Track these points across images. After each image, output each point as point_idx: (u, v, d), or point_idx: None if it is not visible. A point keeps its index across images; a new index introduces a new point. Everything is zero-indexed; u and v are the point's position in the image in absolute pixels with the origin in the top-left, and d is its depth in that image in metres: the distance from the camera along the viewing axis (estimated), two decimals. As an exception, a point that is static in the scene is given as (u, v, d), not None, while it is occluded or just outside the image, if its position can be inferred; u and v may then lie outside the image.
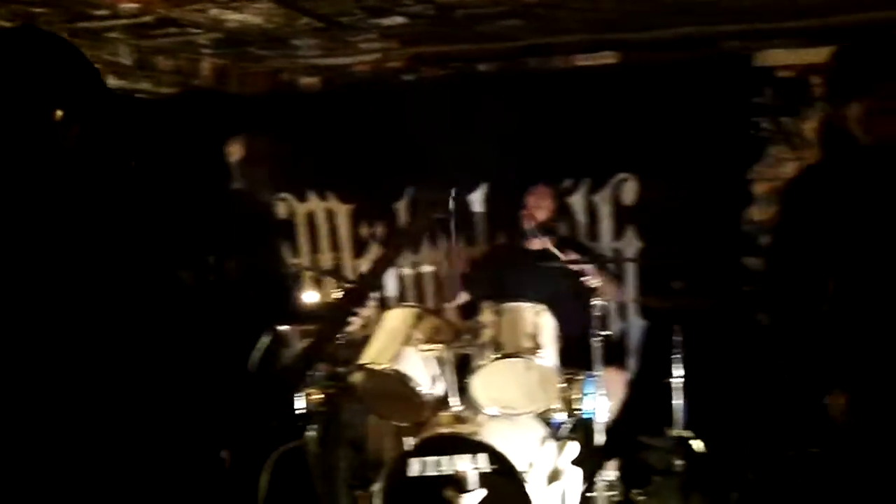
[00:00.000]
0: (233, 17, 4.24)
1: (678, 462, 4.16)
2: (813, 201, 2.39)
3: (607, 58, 5.29)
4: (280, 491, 2.75)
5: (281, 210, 5.79)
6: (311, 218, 5.84)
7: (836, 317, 2.31)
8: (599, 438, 4.10)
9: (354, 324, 3.02)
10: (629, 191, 5.30)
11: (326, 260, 5.78)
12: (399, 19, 4.47)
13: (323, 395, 4.33)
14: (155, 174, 2.63)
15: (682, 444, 4.22)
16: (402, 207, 5.65)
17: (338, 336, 3.40)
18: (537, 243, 4.90)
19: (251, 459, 2.68)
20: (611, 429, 4.22)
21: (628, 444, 4.66)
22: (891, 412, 2.18)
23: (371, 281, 2.92)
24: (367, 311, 5.23)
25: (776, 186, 4.92)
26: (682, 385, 4.22)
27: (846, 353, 2.27)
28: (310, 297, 3.85)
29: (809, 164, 2.58)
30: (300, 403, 3.94)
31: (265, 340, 2.81)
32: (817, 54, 2.40)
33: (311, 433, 2.90)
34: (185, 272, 2.69)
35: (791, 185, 2.56)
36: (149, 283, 2.63)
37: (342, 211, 5.84)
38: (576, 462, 4.14)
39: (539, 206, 4.88)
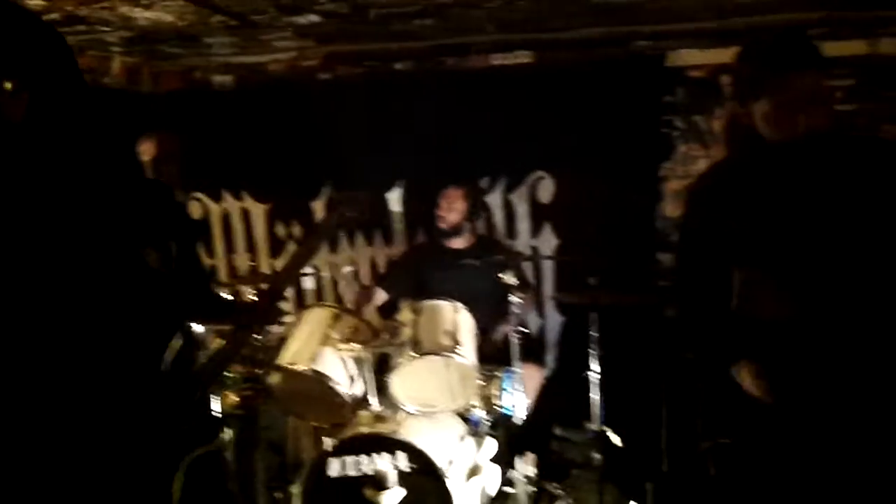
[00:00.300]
0: (143, 15, 4.17)
1: (595, 455, 4.21)
2: (718, 197, 2.44)
3: (522, 57, 5.33)
4: (195, 494, 2.70)
5: (195, 210, 5.69)
6: (226, 218, 5.76)
7: (743, 310, 2.36)
8: (518, 434, 4.14)
9: (271, 324, 2.98)
10: (545, 189, 5.35)
11: (242, 260, 5.70)
12: (314, 18, 4.45)
13: (239, 398, 4.29)
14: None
15: (600, 438, 4.27)
16: (318, 206, 5.61)
17: (254, 337, 3.36)
18: (455, 242, 4.92)
19: (165, 462, 2.63)
20: (529, 424, 4.26)
21: (546, 439, 4.71)
22: (794, 406, 2.24)
23: (284, 280, 2.89)
24: (285, 311, 5.21)
25: (687, 183, 5.03)
26: (599, 379, 4.28)
27: (754, 345, 2.33)
28: (226, 297, 3.79)
29: (716, 161, 2.63)
30: (216, 406, 3.90)
31: (177, 341, 2.76)
32: (726, 54, 2.44)
33: (227, 435, 2.86)
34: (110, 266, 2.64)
35: (698, 181, 2.62)
36: (81, 268, 2.58)
37: (258, 210, 5.77)
38: (495, 458, 4.17)
39: (451, 208, 4.89)
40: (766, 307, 2.29)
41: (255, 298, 3.04)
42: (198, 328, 3.33)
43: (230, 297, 4.46)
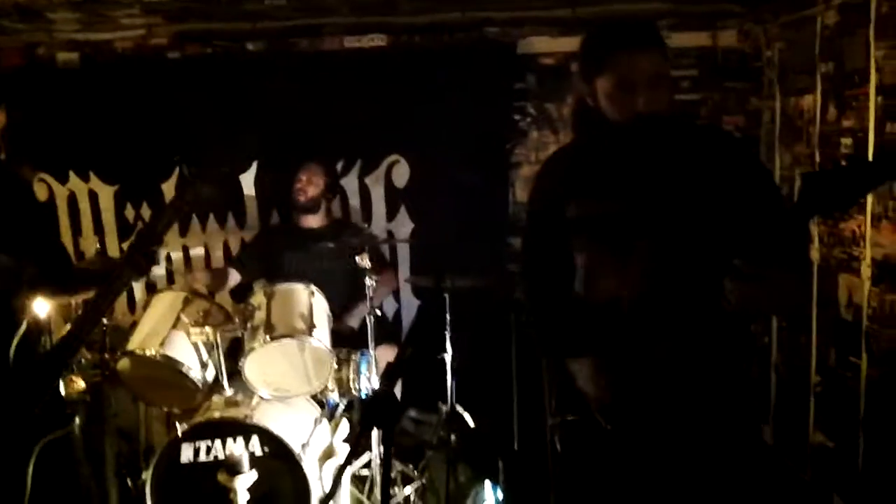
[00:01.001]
0: (-21, -13, 3.99)
1: (449, 436, 4.28)
2: (559, 179, 2.49)
3: (377, 40, 5.34)
4: (47, 481, 2.62)
5: (40, 191, 5.47)
6: (72, 199, 5.56)
7: (585, 293, 2.42)
8: (372, 416, 4.16)
9: (117, 308, 2.90)
10: (400, 173, 5.37)
11: (89, 243, 5.52)
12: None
13: (87, 383, 4.17)
14: None
15: (453, 418, 4.34)
16: (168, 188, 5.48)
17: (99, 321, 3.27)
18: (310, 220, 4.90)
19: (16, 450, 2.55)
20: (378, 401, 4.29)
21: (396, 417, 4.75)
22: (636, 382, 2.32)
23: (131, 262, 2.81)
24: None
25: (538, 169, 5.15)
26: (452, 362, 4.35)
27: (595, 326, 2.39)
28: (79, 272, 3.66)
29: (561, 146, 2.70)
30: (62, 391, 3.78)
31: (23, 326, 2.67)
32: (577, 43, 2.51)
33: (75, 422, 2.79)
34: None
35: (543, 165, 2.67)
36: None
37: (105, 192, 5.59)
38: (349, 439, 4.19)
39: (310, 181, 4.87)
40: (604, 290, 2.36)
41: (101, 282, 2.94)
42: (43, 312, 3.21)
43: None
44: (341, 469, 3.33)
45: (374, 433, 3.78)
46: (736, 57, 5.14)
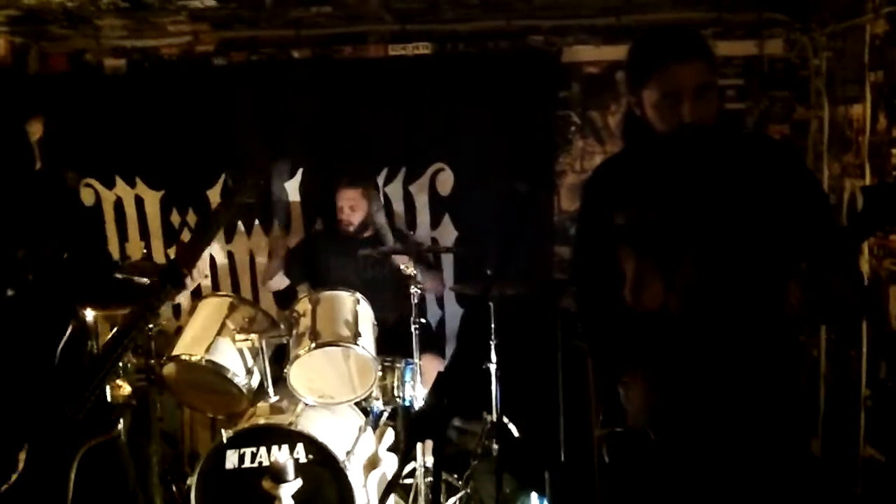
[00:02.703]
0: (31, -6, 4.05)
1: (494, 445, 4.26)
2: (608, 190, 2.49)
3: (421, 48, 5.34)
4: (90, 486, 2.63)
5: (87, 196, 5.53)
6: (118, 205, 5.62)
7: (635, 302, 2.40)
8: (417, 425, 4.15)
9: (164, 313, 2.92)
10: (445, 181, 5.36)
11: (135, 248, 5.57)
12: (209, 2, 4.38)
13: (132, 388, 4.20)
14: None
15: (498, 428, 4.32)
16: (214, 194, 5.52)
17: (146, 326, 3.29)
18: (354, 231, 4.91)
19: (60, 454, 2.57)
20: (426, 413, 4.27)
21: (444, 428, 4.73)
22: (685, 393, 2.30)
23: (179, 268, 2.83)
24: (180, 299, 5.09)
25: (584, 178, 5.13)
26: (497, 370, 4.32)
27: (645, 338, 2.37)
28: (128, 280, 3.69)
29: (610, 155, 2.68)
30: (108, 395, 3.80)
31: (69, 331, 2.69)
32: (621, 51, 2.50)
33: (120, 426, 2.80)
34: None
35: (591, 175, 2.67)
36: None
37: (151, 198, 5.64)
38: (394, 449, 4.18)
39: (353, 209, 4.86)
40: (652, 299, 2.34)
41: (148, 285, 2.96)
42: (89, 316, 3.23)
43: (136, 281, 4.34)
44: (391, 485, 3.32)
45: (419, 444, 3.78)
46: (782, 66, 5.08)
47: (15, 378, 2.55)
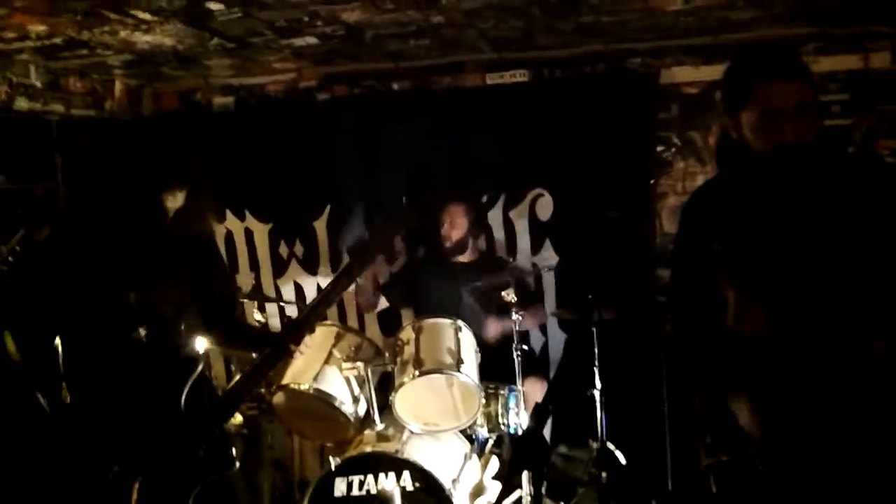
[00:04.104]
0: (143, 39, 4.22)
1: (599, 473, 4.23)
2: (707, 213, 2.47)
3: (518, 76, 5.37)
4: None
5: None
6: (229, 237, 5.80)
7: (736, 326, 2.36)
8: (521, 452, 4.15)
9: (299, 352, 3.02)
10: (545, 205, 5.36)
11: (245, 279, 5.73)
12: (310, 40, 4.49)
13: (244, 417, 4.33)
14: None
15: (604, 455, 4.29)
16: (320, 226, 5.65)
17: (279, 365, 3.41)
18: (459, 258, 4.95)
19: (180, 488, 2.67)
20: (532, 442, 4.27)
21: (546, 456, 4.72)
22: (796, 419, 2.26)
23: (322, 307, 2.95)
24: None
25: (685, 200, 5.07)
26: (602, 396, 4.30)
27: (747, 361, 2.34)
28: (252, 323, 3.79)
29: (706, 181, 2.65)
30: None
31: (199, 370, 2.79)
32: (719, 71, 2.48)
33: (235, 466, 2.89)
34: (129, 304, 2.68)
35: (690, 198, 2.64)
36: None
37: (260, 230, 5.81)
38: (499, 476, 4.19)
39: (454, 224, 4.92)
40: (756, 324, 2.30)
41: (284, 326, 3.07)
42: (201, 347, 3.36)
43: (257, 323, 4.50)
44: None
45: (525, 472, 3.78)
46: (889, 79, 4.94)
47: (141, 414, 2.66)
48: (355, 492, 3.83)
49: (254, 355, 3.01)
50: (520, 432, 4.15)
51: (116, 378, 2.66)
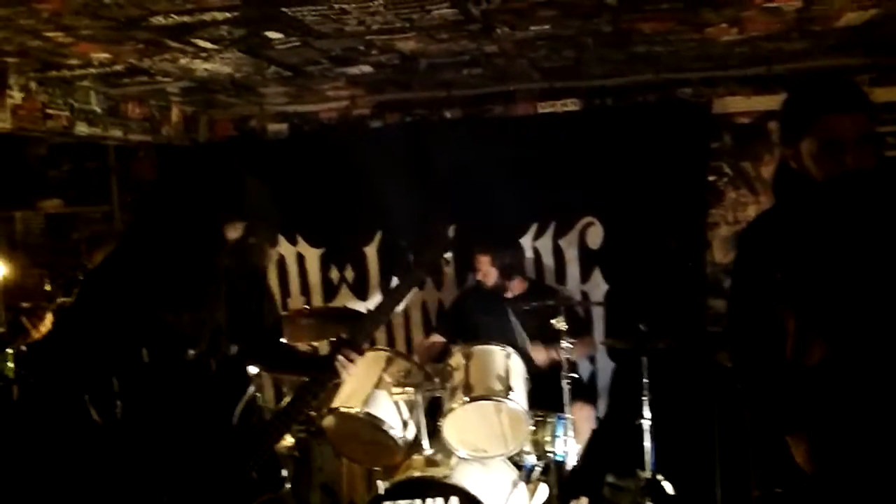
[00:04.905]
0: (202, 66, 4.30)
1: (648, 503, 4.20)
2: (766, 243, 2.45)
3: (569, 104, 5.40)
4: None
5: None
6: (281, 262, 5.87)
7: (797, 358, 2.36)
8: (570, 480, 4.15)
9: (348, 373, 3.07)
10: (595, 234, 5.37)
11: (297, 304, 5.79)
12: (365, 68, 4.55)
13: (294, 439, 4.36)
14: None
15: (653, 485, 4.26)
16: (371, 252, 5.71)
17: (329, 387, 3.44)
18: (506, 293, 4.97)
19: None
20: (581, 470, 4.26)
21: (599, 486, 4.70)
22: (850, 454, 2.24)
23: (370, 329, 3.00)
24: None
25: (737, 229, 5.05)
26: (650, 426, 4.28)
27: (807, 394, 2.33)
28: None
29: (767, 208, 2.65)
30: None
31: (250, 392, 2.84)
32: (772, 101, 2.49)
33: (286, 487, 2.92)
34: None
35: (748, 227, 2.63)
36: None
37: (311, 255, 5.88)
38: (547, 504, 4.18)
39: (485, 273, 4.99)
40: (814, 354, 2.28)
41: (331, 346, 3.12)
42: (254, 370, 3.41)
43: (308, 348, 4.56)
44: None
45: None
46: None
47: (192, 436, 2.70)
48: (404, 516, 3.85)
49: (303, 379, 3.05)
50: (568, 460, 4.14)
51: (167, 399, 2.70)
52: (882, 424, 2.21)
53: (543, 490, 4.22)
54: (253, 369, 3.36)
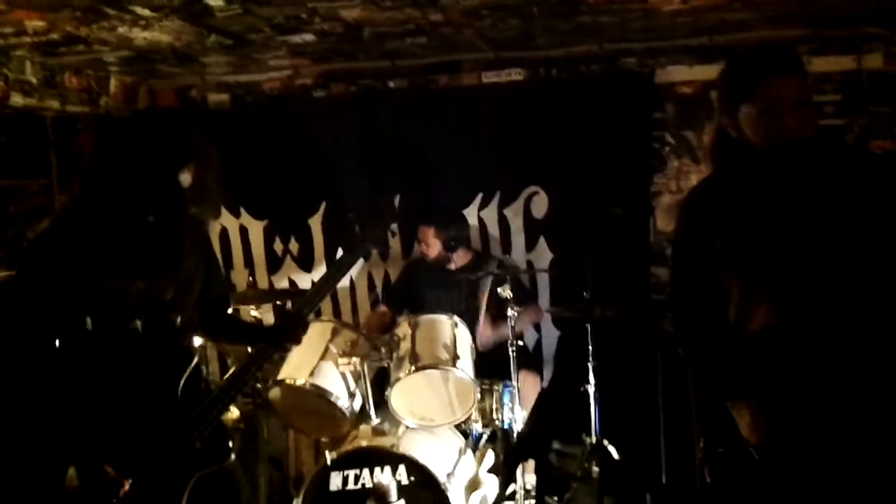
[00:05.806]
0: (141, 35, 4.22)
1: (594, 468, 4.25)
2: (707, 210, 2.48)
3: (514, 75, 5.39)
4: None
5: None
6: (224, 234, 5.81)
7: (739, 324, 2.39)
8: (516, 447, 4.18)
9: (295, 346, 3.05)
10: (539, 204, 5.39)
11: (240, 277, 5.74)
12: (308, 37, 4.50)
13: (240, 412, 4.33)
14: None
15: (598, 450, 4.31)
16: (315, 223, 5.67)
17: (275, 359, 3.41)
18: (450, 265, 4.97)
19: (177, 481, 2.68)
20: (528, 437, 4.30)
21: (546, 452, 4.75)
22: (794, 422, 2.28)
23: (315, 301, 2.98)
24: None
25: (680, 198, 5.10)
26: (596, 393, 4.33)
27: (750, 361, 2.36)
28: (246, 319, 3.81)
29: (707, 175, 2.67)
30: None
31: (195, 363, 2.81)
32: (714, 71, 2.51)
33: (231, 458, 2.90)
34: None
35: (688, 195, 2.64)
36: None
37: (255, 227, 5.82)
38: (493, 471, 4.21)
39: (428, 244, 5.02)
40: (759, 320, 2.32)
41: (277, 319, 3.11)
42: (198, 342, 3.37)
43: (253, 319, 4.53)
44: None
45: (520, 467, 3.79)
46: (882, 80, 4.97)
47: (135, 406, 2.66)
48: (351, 486, 3.85)
49: (249, 350, 3.04)
50: (514, 428, 4.18)
51: (111, 369, 2.66)
52: (825, 391, 2.24)
53: (490, 457, 4.26)
54: (198, 340, 3.32)
